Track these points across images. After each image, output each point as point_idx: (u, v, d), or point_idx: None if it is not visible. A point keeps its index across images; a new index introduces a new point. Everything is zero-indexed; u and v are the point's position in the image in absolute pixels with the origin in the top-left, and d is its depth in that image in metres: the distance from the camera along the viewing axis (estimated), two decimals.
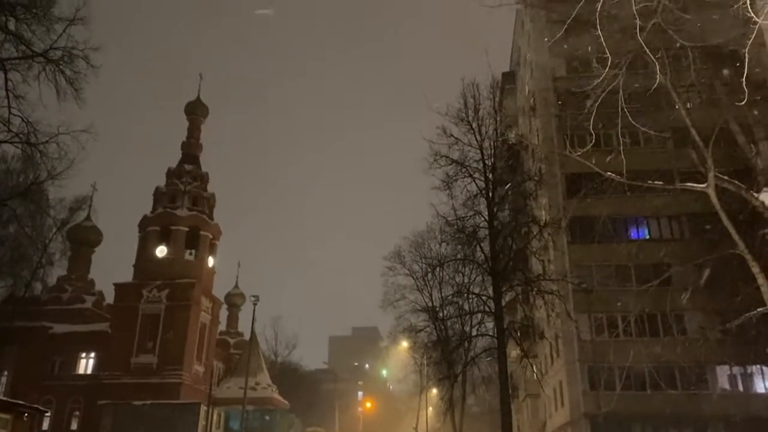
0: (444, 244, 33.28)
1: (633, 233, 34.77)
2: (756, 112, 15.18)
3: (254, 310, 36.20)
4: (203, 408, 39.43)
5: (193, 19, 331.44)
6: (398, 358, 51.53)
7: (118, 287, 50.66)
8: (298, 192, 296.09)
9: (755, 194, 13.81)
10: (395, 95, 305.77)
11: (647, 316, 31.27)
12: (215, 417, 41.51)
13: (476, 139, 29.65)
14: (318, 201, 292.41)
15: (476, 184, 29.32)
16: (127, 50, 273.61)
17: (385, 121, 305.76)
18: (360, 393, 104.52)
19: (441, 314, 36.59)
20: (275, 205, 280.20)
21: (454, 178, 29.54)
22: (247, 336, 57.48)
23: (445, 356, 35.93)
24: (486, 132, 29.94)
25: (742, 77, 7.66)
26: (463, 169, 29.45)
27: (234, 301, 70.49)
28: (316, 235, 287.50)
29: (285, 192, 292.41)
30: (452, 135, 29.33)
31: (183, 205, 53.55)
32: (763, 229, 14.65)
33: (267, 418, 46.09)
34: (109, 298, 53.48)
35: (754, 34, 7.00)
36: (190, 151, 57.18)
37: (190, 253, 52.88)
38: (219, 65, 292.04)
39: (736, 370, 30.53)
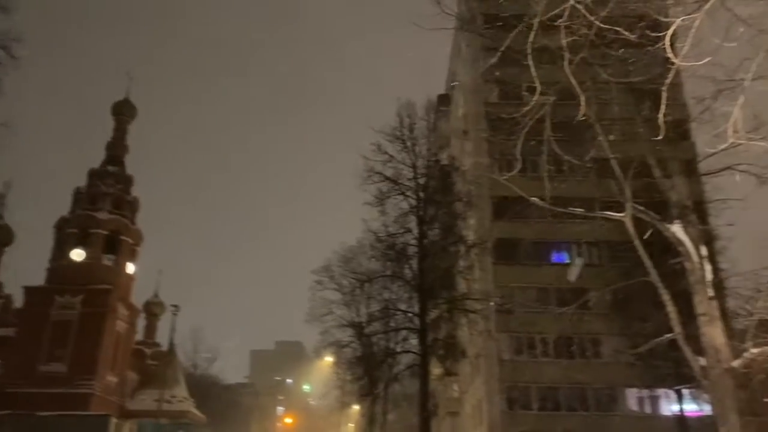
0: (374, 259, 33.44)
1: (555, 257, 36.05)
2: (672, 148, 16.05)
3: (174, 321, 35.22)
4: (113, 420, 37.65)
5: (125, 17, 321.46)
6: (321, 373, 51.08)
7: (28, 291, 47.85)
8: (227, 201, 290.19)
9: (668, 225, 14.53)
10: (331, 109, 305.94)
11: (565, 338, 32.37)
12: (126, 430, 39.72)
13: (410, 157, 30.17)
14: (246, 212, 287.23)
15: (408, 202, 29.78)
16: (55, 45, 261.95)
17: (317, 134, 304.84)
18: (280, 408, 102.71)
19: (367, 330, 36.60)
20: (202, 214, 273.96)
21: (387, 194, 29.90)
22: (165, 347, 55.49)
23: (369, 372, 35.90)
24: (419, 151, 30.54)
25: (660, 114, 8.08)
26: (396, 187, 29.85)
27: (153, 310, 67.83)
28: (242, 247, 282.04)
29: (213, 201, 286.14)
30: (386, 152, 29.73)
31: (104, 207, 51.35)
32: (673, 260, 15.42)
33: None
34: (19, 302, 50.44)
35: (671, 75, 7.40)
36: (115, 152, 55.02)
37: (109, 259, 50.71)
38: (150, 69, 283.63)
39: (644, 393, 32.02)
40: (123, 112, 56.55)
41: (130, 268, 52.35)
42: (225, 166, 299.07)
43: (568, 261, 35.72)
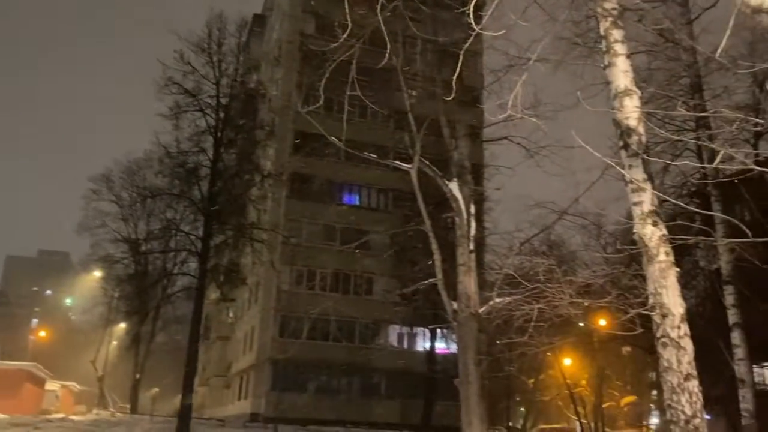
0: (161, 175, 31.67)
1: (346, 198, 37.34)
2: (462, 112, 17.30)
3: None
4: None
5: None
6: (87, 287, 47.73)
7: None
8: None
9: (447, 182, 15.78)
10: (133, 7, 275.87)
11: (343, 274, 34.02)
12: None
13: (214, 74, 28.67)
14: (14, 101, 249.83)
15: (206, 121, 28.46)
16: None
17: (118, 34, 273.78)
18: (35, 320, 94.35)
19: (144, 248, 34.93)
20: None
21: (184, 109, 28.21)
22: None
23: (140, 291, 34.45)
24: (226, 69, 29.16)
25: (454, 77, 8.59)
26: (195, 102, 28.28)
27: None
28: (8, 140, 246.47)
29: None
30: (189, 63, 27.90)
31: None
32: (447, 213, 16.86)
33: None
34: None
35: (470, 41, 7.84)
36: None
37: None
38: None
39: (405, 330, 35.19)
40: None
41: None
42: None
43: (358, 202, 37.24)
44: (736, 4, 4.97)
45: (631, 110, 6.72)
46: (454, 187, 15.63)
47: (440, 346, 33.31)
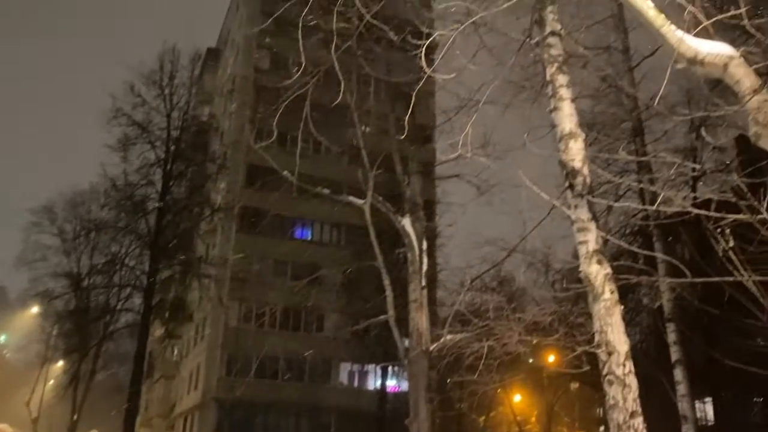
0: (106, 208, 30.88)
1: (298, 233, 37.06)
2: (415, 149, 17.53)
3: None
4: None
5: None
6: (23, 323, 45.61)
7: None
8: None
9: (399, 218, 15.87)
10: (84, 35, 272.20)
11: (293, 311, 33.51)
12: None
13: (165, 106, 28.50)
14: None
15: (155, 153, 28.11)
16: None
17: (73, 59, 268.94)
18: None
19: (86, 283, 33.73)
20: None
21: (133, 141, 27.83)
22: None
23: (81, 328, 33.10)
24: (177, 102, 29.03)
25: (407, 115, 8.74)
26: (144, 134, 27.96)
27: None
28: None
29: None
30: (140, 95, 27.68)
31: None
32: (399, 249, 16.90)
33: None
34: None
35: (422, 82, 8.03)
36: None
37: None
38: None
39: (355, 367, 34.75)
40: None
41: None
42: None
43: (310, 237, 36.99)
44: (673, 55, 5.25)
45: (576, 152, 6.92)
46: (406, 223, 15.70)
47: (391, 384, 32.99)
